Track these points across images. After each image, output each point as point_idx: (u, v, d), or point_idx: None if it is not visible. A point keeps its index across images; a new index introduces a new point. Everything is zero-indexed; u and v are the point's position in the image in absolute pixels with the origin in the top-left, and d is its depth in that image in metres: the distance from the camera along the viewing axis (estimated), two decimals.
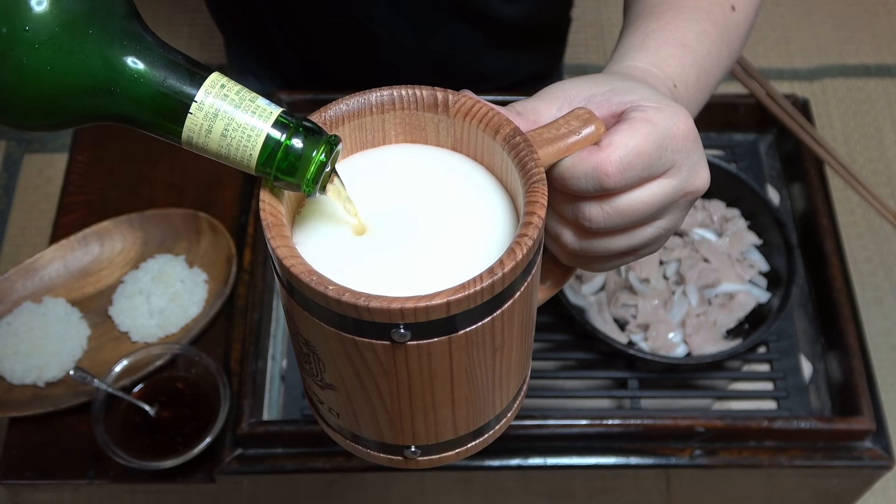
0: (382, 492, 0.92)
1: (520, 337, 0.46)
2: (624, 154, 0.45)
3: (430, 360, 0.42)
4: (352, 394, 0.45)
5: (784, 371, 0.92)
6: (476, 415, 0.47)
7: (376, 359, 0.42)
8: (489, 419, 0.49)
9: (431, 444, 0.48)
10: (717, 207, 0.98)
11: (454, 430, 0.47)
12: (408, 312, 0.39)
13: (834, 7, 1.97)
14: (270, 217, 0.42)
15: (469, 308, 0.40)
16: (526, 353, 0.49)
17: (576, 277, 0.94)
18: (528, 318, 0.46)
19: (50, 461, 0.86)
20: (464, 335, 0.42)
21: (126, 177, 1.03)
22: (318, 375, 0.46)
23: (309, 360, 0.46)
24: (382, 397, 0.44)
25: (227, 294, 0.92)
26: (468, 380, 0.44)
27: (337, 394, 0.46)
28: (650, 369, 0.91)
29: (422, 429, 0.47)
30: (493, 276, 0.40)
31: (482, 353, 0.43)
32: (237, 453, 0.84)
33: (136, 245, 0.96)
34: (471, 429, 0.48)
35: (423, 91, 0.46)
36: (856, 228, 1.65)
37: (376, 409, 0.46)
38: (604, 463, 0.85)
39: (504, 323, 0.43)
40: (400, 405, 0.45)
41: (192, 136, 0.41)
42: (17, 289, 0.93)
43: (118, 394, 0.84)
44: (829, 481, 0.90)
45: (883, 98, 1.83)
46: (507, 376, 0.47)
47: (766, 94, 1.03)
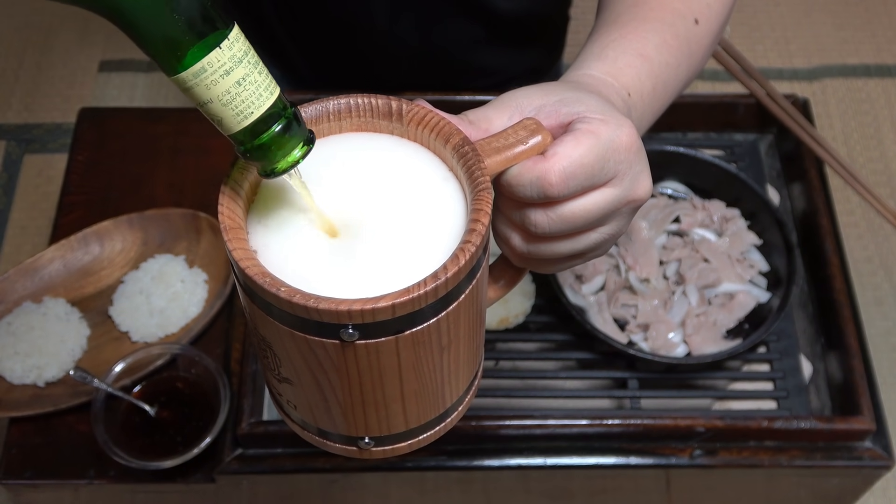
0: (382, 492, 0.92)
1: (467, 335, 0.48)
2: (567, 164, 0.47)
3: (378, 358, 0.44)
4: (307, 388, 0.48)
5: (784, 371, 0.92)
6: (426, 409, 0.50)
7: (328, 356, 0.44)
8: (440, 412, 0.51)
9: (384, 436, 0.50)
10: (717, 207, 0.98)
11: (405, 423, 0.50)
12: (355, 314, 0.41)
13: (834, 7, 1.96)
14: (228, 220, 0.44)
15: (414, 311, 0.42)
16: (475, 349, 0.51)
17: (576, 277, 0.94)
18: (476, 317, 0.48)
19: (50, 461, 0.86)
20: (410, 335, 0.44)
21: (126, 177, 1.03)
22: (275, 370, 0.48)
23: (266, 355, 0.48)
24: (335, 392, 0.47)
25: (227, 294, 0.92)
26: (417, 376, 0.46)
27: (293, 388, 0.48)
28: (650, 369, 0.91)
29: (374, 422, 0.49)
30: (436, 281, 0.42)
31: (429, 351, 0.45)
32: (237, 453, 0.84)
33: (136, 245, 0.96)
34: (421, 422, 0.50)
35: (378, 99, 0.48)
36: (856, 228, 1.65)
37: (330, 403, 0.48)
38: (604, 463, 0.85)
39: (450, 323, 0.45)
40: (352, 399, 0.47)
41: (205, 71, 0.39)
42: (17, 289, 0.93)
43: (118, 394, 0.84)
44: (829, 481, 0.90)
45: (883, 98, 1.83)
46: (457, 372, 0.49)
47: (766, 94, 1.03)
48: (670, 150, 0.99)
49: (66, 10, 1.73)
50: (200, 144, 1.04)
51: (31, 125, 1.77)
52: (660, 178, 1.01)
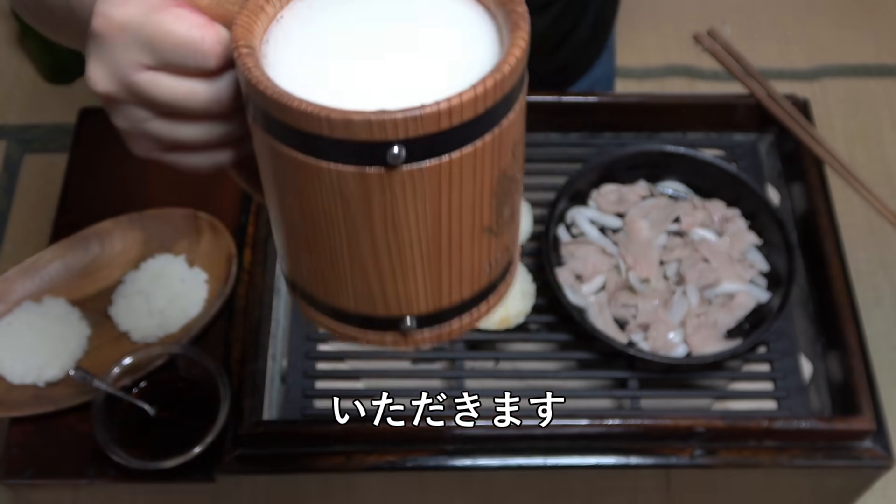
0: (382, 492, 0.92)
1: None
2: None
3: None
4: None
5: (784, 371, 0.92)
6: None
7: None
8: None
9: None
10: (717, 207, 0.98)
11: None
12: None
13: (834, 7, 1.96)
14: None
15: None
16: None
17: (576, 278, 0.94)
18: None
19: (50, 461, 0.86)
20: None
21: (126, 176, 1.03)
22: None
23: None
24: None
25: (227, 294, 0.92)
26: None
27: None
28: (650, 369, 0.91)
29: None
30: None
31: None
32: (237, 453, 0.84)
33: (136, 245, 0.96)
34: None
35: None
36: (856, 228, 1.64)
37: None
38: (604, 463, 0.85)
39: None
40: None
41: None
42: (17, 289, 0.93)
43: (118, 394, 0.84)
44: (829, 481, 0.90)
45: (883, 98, 1.83)
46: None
47: (766, 94, 1.03)
48: (670, 150, 0.99)
49: None
50: None
51: (31, 125, 1.77)
52: (660, 178, 1.01)
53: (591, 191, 1.00)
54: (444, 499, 0.94)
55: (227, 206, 0.99)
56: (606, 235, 0.97)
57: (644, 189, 1.00)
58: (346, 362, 0.94)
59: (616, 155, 0.99)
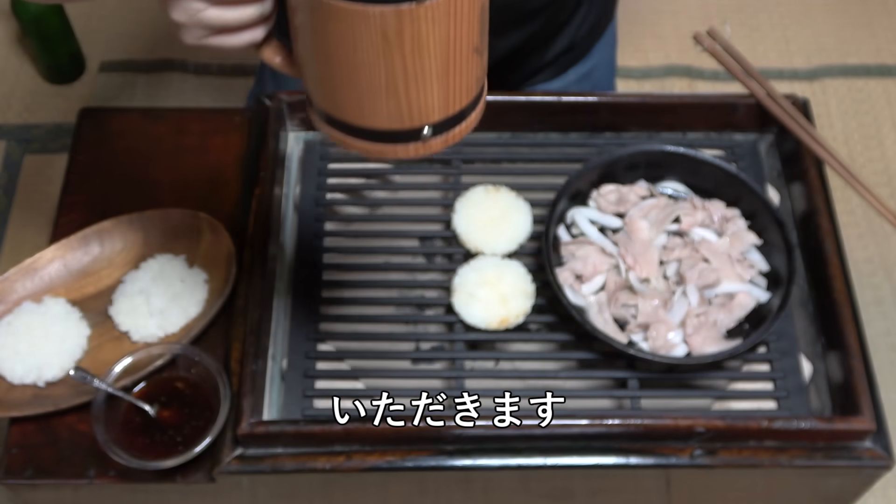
0: (382, 492, 0.92)
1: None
2: None
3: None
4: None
5: (784, 371, 0.92)
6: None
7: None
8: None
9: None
10: (717, 207, 0.98)
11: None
12: None
13: (834, 7, 1.96)
14: None
15: None
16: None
17: (576, 277, 0.94)
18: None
19: (50, 461, 0.86)
20: None
21: (126, 177, 1.03)
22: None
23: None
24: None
25: (227, 294, 0.92)
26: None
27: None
28: (650, 369, 0.91)
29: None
30: None
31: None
32: (237, 453, 0.84)
33: (136, 245, 0.96)
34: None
35: None
36: (856, 228, 1.65)
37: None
38: (604, 463, 0.85)
39: None
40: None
41: None
42: (17, 289, 0.93)
43: (118, 394, 0.84)
44: (829, 481, 0.90)
45: (883, 98, 1.83)
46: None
47: (766, 94, 1.04)
48: (670, 150, 0.99)
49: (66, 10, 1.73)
50: (201, 144, 1.04)
51: (31, 125, 1.77)
52: (660, 178, 1.01)
53: (591, 191, 1.00)
54: (444, 499, 0.94)
55: (227, 207, 0.99)
56: (606, 235, 0.97)
57: (644, 189, 1.00)
58: (346, 362, 0.94)
59: (616, 155, 0.99)
